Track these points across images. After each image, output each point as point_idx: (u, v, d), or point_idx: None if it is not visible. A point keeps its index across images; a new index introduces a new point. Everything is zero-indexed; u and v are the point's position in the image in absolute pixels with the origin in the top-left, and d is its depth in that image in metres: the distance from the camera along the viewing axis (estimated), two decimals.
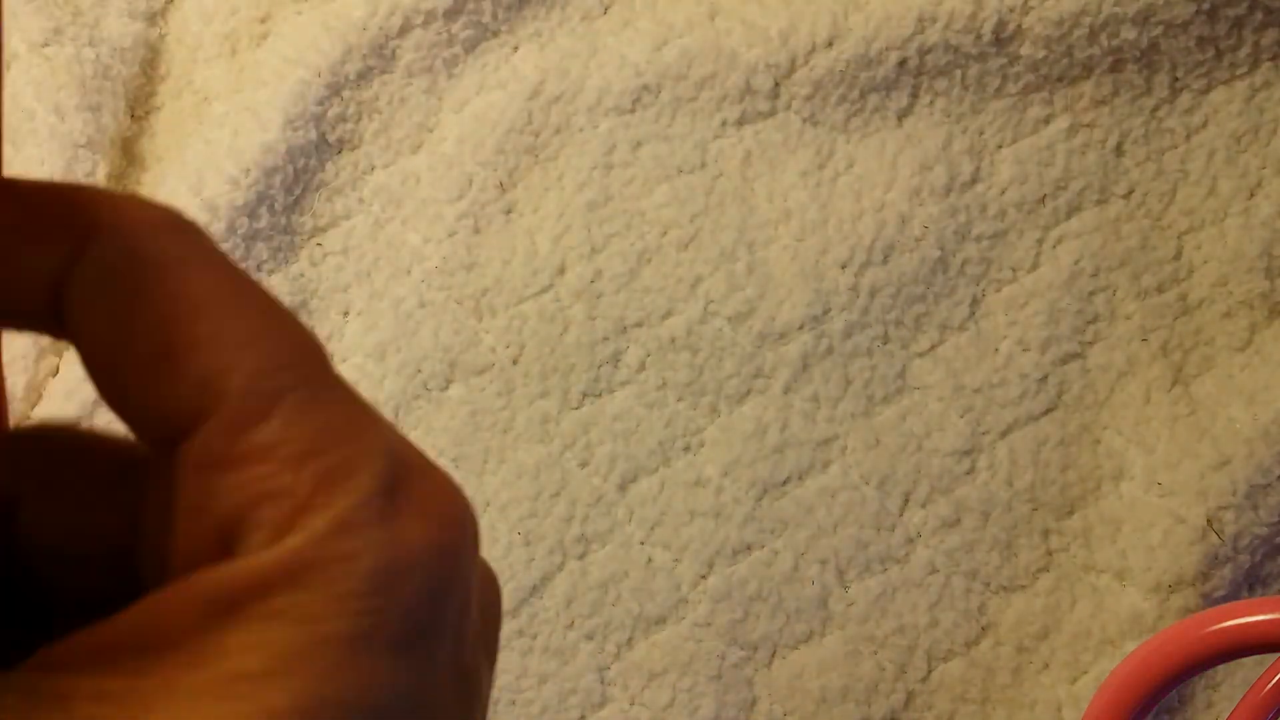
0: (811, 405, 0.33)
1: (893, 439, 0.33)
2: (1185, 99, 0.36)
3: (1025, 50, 0.35)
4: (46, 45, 0.32)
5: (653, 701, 0.31)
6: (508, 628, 0.31)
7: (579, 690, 0.31)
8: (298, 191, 0.34)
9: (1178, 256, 0.35)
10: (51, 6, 0.32)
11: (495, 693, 0.31)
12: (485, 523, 0.32)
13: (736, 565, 0.32)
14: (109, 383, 0.11)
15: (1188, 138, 0.36)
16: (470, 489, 0.31)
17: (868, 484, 0.32)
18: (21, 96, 0.32)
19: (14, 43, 0.32)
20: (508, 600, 0.31)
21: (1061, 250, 0.35)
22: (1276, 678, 0.28)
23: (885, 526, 0.32)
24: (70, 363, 0.32)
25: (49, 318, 0.12)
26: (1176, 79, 0.36)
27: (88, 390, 0.31)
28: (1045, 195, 0.35)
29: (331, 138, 0.34)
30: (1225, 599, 0.32)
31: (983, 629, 0.32)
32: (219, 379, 0.11)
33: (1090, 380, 0.34)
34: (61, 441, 0.13)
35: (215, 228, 0.32)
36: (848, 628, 0.31)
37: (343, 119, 0.34)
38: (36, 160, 0.31)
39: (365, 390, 0.28)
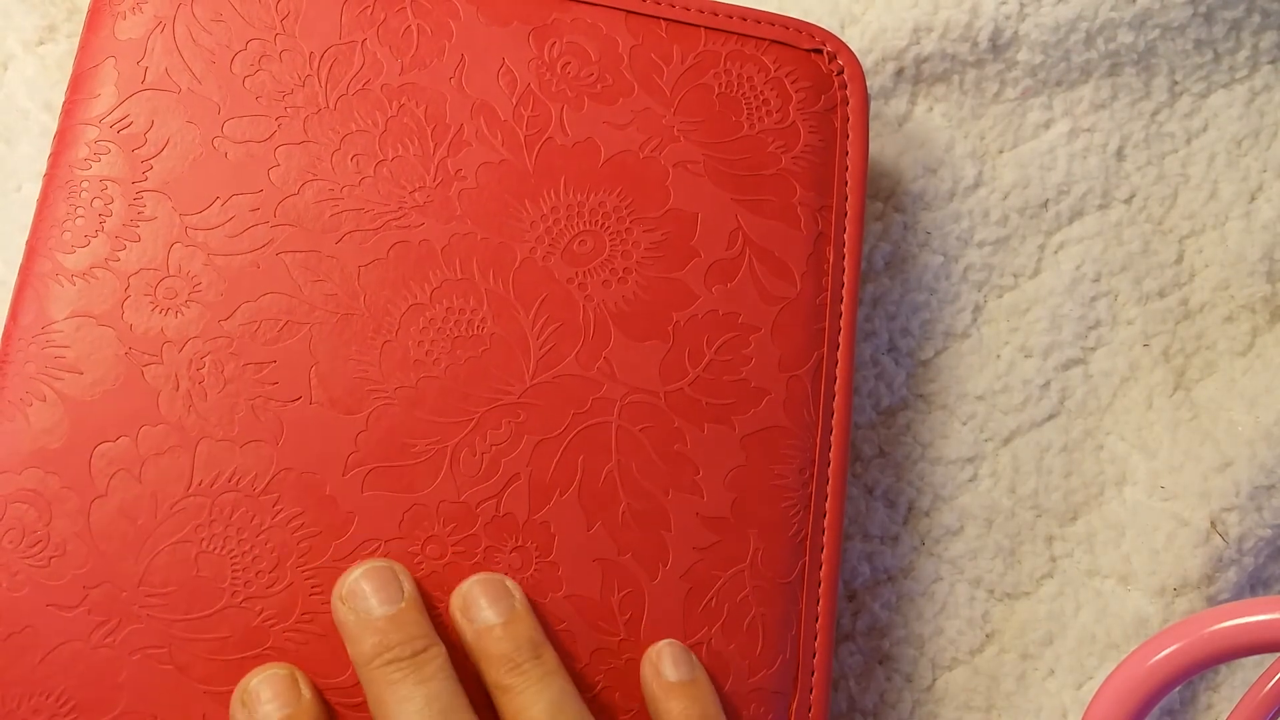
0: None
1: (896, 448, 0.35)
2: (1185, 103, 0.38)
3: (1022, 56, 0.37)
4: (41, 44, 0.34)
5: None
6: None
7: None
8: None
9: (1179, 261, 0.38)
10: (46, 4, 0.34)
11: None
12: None
13: None
14: None
15: (1188, 141, 0.38)
16: None
17: (872, 494, 0.34)
18: (16, 96, 0.33)
19: (9, 43, 0.34)
20: None
21: (1063, 255, 0.37)
22: (1276, 678, 0.30)
23: (889, 536, 0.34)
24: None
25: None
26: (1175, 82, 0.38)
27: None
28: (1048, 200, 0.37)
29: None
30: (1230, 601, 0.34)
31: (987, 636, 0.34)
32: None
33: (1093, 386, 0.36)
34: None
35: None
36: (855, 640, 0.33)
37: None
38: (29, 158, 0.33)
39: None
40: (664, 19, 0.31)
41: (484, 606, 0.26)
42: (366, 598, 0.26)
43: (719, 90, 0.31)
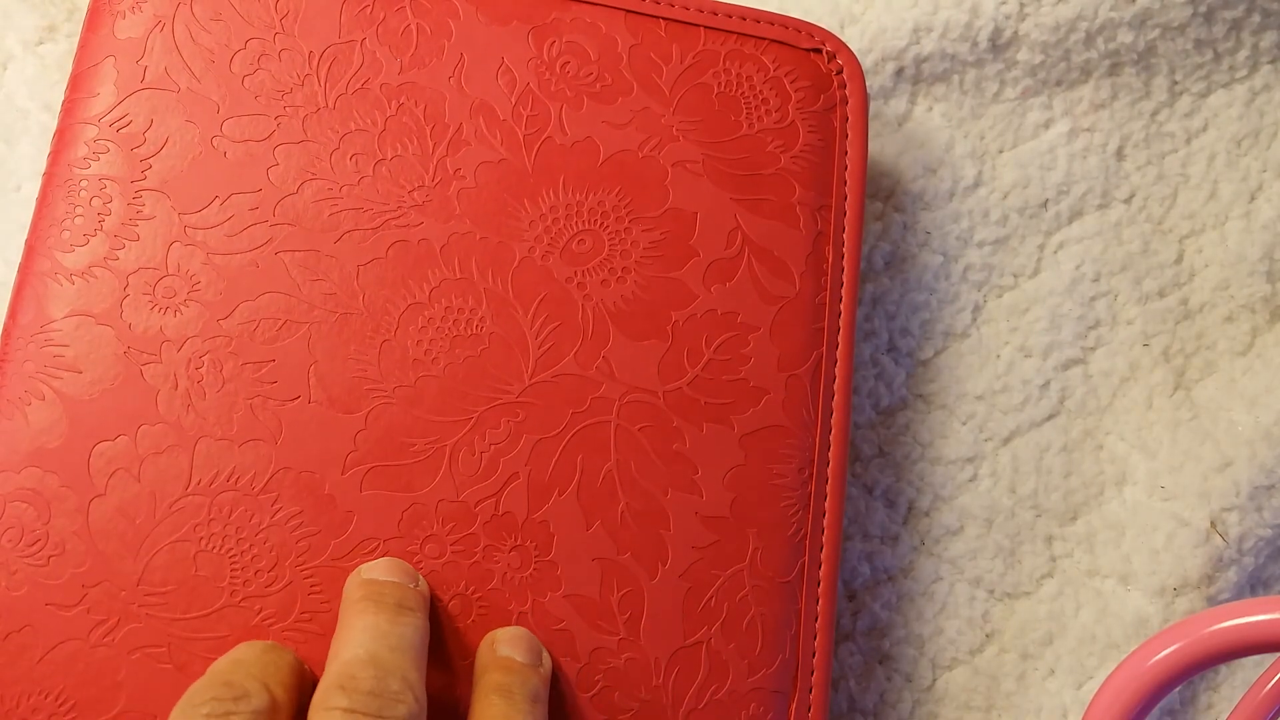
0: None
1: (896, 448, 0.35)
2: (1185, 102, 0.39)
3: (1022, 56, 0.37)
4: (41, 44, 0.34)
5: None
6: None
7: None
8: None
9: (1179, 261, 0.38)
10: (46, 4, 0.34)
11: None
12: None
13: None
14: None
15: (1188, 141, 0.39)
16: None
17: (871, 494, 0.35)
18: (16, 96, 0.33)
19: (9, 43, 0.34)
20: None
21: (1063, 255, 0.37)
22: (1276, 678, 0.30)
23: (889, 536, 0.34)
24: None
25: None
26: (1175, 82, 0.39)
27: None
28: (1047, 199, 0.37)
29: None
30: (1230, 601, 0.34)
31: (987, 636, 0.34)
32: None
33: (1092, 386, 0.36)
34: None
35: None
36: (855, 640, 0.33)
37: None
38: (29, 158, 0.33)
39: None
40: (663, 18, 0.31)
41: (514, 644, 0.26)
42: (381, 571, 0.26)
43: (718, 90, 0.31)
